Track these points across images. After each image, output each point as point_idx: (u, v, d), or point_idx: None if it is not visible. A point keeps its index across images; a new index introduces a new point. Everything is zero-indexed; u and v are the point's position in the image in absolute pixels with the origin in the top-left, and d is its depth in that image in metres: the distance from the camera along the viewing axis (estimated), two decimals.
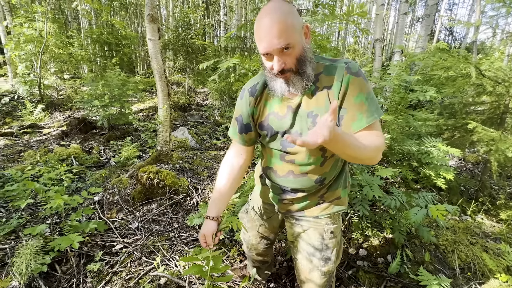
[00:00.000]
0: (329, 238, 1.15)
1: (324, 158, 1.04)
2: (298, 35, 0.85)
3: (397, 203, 1.57)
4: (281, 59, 0.86)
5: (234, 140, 1.20)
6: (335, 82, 0.92)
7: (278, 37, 0.81)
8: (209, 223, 1.16)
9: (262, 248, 1.48)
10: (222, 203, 1.20)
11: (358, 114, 0.90)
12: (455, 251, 1.92)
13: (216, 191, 1.20)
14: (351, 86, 0.90)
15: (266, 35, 0.83)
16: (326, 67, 0.94)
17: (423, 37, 5.69)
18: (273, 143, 1.09)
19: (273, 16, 0.81)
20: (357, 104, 0.90)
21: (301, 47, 0.88)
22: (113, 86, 4.13)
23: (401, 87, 2.12)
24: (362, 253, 2.02)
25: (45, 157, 3.23)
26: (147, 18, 2.68)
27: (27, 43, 6.36)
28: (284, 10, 0.82)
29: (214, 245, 1.16)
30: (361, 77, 0.91)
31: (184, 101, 6.62)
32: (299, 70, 0.90)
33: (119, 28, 8.09)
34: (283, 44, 0.82)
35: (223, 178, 1.20)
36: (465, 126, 2.39)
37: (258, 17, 0.86)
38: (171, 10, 13.09)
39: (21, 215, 2.34)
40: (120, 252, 1.98)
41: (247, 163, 1.24)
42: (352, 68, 0.91)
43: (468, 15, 16.27)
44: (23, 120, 5.28)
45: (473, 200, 2.61)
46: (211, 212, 1.18)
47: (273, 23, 0.81)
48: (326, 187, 1.13)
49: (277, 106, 1.03)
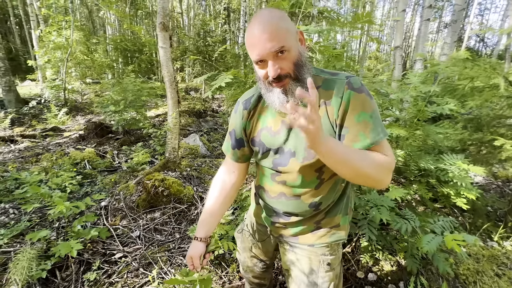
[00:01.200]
0: (326, 271, 1.03)
1: (320, 180, 0.94)
2: (292, 38, 0.80)
3: (409, 228, 1.42)
4: (276, 63, 0.78)
5: (227, 156, 1.14)
6: (334, 97, 0.83)
7: (271, 40, 0.75)
8: (196, 245, 1.09)
9: (258, 271, 1.38)
10: (211, 223, 1.12)
11: (360, 134, 0.81)
12: (477, 282, 1.71)
13: (206, 211, 1.13)
14: (352, 103, 0.81)
15: (258, 40, 0.77)
16: (325, 81, 0.87)
17: (449, 44, 5.38)
18: (264, 160, 1.00)
19: (265, 22, 0.77)
20: (360, 123, 0.81)
21: (297, 51, 0.81)
22: (129, 92, 4.23)
23: (418, 98, 1.97)
24: (371, 278, 1.86)
25: (60, 160, 3.33)
26: (159, 26, 2.70)
27: (55, 50, 6.73)
28: (275, 15, 0.79)
29: (202, 267, 1.09)
30: (364, 93, 0.82)
31: (200, 107, 6.68)
32: (298, 76, 0.81)
33: (140, 35, 8.37)
34: (277, 47, 0.76)
35: (213, 197, 1.13)
36: (493, 141, 2.17)
37: (249, 26, 0.81)
38: (192, 18, 13.44)
39: (31, 218, 2.40)
40: (119, 261, 1.96)
41: (240, 181, 1.16)
42: (353, 83, 0.82)
43: (501, 21, 15.35)
44: (47, 123, 5.54)
45: (502, 224, 2.36)
46: (199, 232, 1.10)
47: (265, 27, 0.76)
48: (323, 212, 1.02)
49: (271, 121, 0.95)
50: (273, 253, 1.32)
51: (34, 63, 8.16)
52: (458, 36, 6.14)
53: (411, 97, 1.95)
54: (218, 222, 1.17)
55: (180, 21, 14.75)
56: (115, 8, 8.45)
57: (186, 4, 15.37)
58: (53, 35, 6.77)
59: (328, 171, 0.93)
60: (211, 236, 1.15)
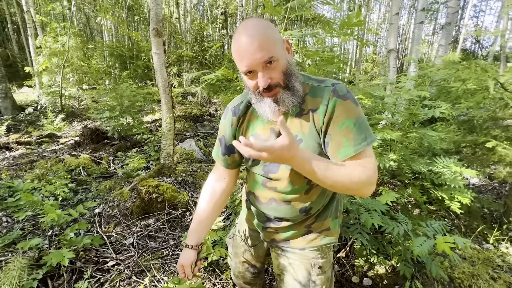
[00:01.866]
0: (317, 274, 1.03)
1: (309, 186, 0.94)
2: (280, 48, 0.80)
3: (401, 231, 1.41)
4: (266, 74, 0.79)
5: (217, 163, 1.13)
6: (321, 105, 0.84)
7: (260, 51, 0.76)
8: (187, 252, 1.08)
9: (249, 276, 1.37)
10: (201, 231, 1.12)
11: (344, 141, 0.81)
12: (472, 286, 1.70)
13: (196, 218, 1.13)
14: (337, 110, 0.82)
15: (246, 51, 0.77)
16: (313, 88, 0.87)
17: (444, 46, 5.41)
18: (255, 167, 1.01)
19: (252, 32, 0.77)
20: (343, 130, 0.81)
21: (285, 60, 0.82)
22: (124, 98, 4.23)
23: (411, 102, 1.97)
24: (366, 283, 1.84)
25: (55, 167, 3.31)
26: (152, 33, 2.71)
27: (52, 56, 6.74)
28: (262, 25, 0.79)
29: (194, 275, 1.08)
30: (349, 100, 0.83)
31: (197, 112, 6.69)
32: (288, 84, 0.83)
33: (137, 40, 8.40)
34: (267, 58, 0.76)
35: (204, 204, 1.12)
36: (486, 143, 2.17)
37: (235, 37, 0.81)
38: (189, 24, 13.51)
39: (24, 226, 2.38)
40: (111, 269, 1.93)
41: (230, 187, 1.16)
42: (339, 91, 0.83)
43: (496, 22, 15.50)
44: (44, 130, 5.53)
45: (497, 226, 2.35)
46: (190, 240, 1.09)
47: (252, 38, 0.76)
48: (313, 217, 1.02)
49: (260, 128, 0.96)
50: (264, 258, 1.31)
51: (31, 69, 8.18)
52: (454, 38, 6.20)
53: (405, 100, 1.96)
54: (209, 229, 1.16)
55: (178, 26, 14.83)
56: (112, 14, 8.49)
57: (183, 9, 15.46)
58: (49, 41, 6.78)
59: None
60: (203, 243, 1.14)
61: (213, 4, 15.09)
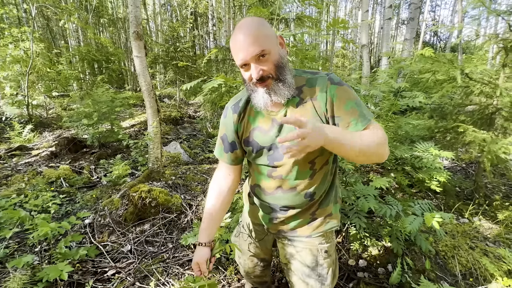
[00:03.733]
0: (324, 258, 1.11)
1: (313, 171, 1.02)
2: (272, 42, 0.89)
3: (393, 212, 1.55)
4: (259, 66, 0.88)
5: (221, 160, 1.18)
6: (319, 93, 0.93)
7: (252, 45, 0.85)
8: (201, 250, 1.11)
9: (259, 270, 1.43)
10: (212, 228, 1.15)
11: (352, 120, 0.91)
12: (455, 256, 1.89)
13: (206, 216, 1.16)
14: (338, 95, 0.91)
15: (241, 46, 0.86)
16: (308, 80, 0.96)
17: (409, 40, 5.79)
18: (259, 158, 1.06)
19: (246, 29, 0.86)
20: (349, 111, 0.91)
21: (277, 54, 0.90)
22: (102, 103, 4.08)
23: (390, 93, 2.13)
24: (362, 264, 1.98)
25: (34, 180, 3.14)
26: (133, 36, 2.66)
27: (13, 64, 6.29)
28: (255, 22, 0.88)
29: (210, 272, 1.11)
30: (345, 85, 0.93)
31: (176, 114, 6.58)
32: (279, 76, 0.91)
33: (107, 45, 8.06)
34: (258, 51, 0.85)
35: (212, 202, 1.16)
36: (456, 128, 2.40)
37: (233, 34, 0.90)
38: (160, 24, 13.16)
39: (8, 244, 2.25)
40: (112, 278, 1.90)
41: (235, 183, 1.20)
42: (334, 79, 0.93)
43: (451, 16, 16.71)
44: (11, 142, 5.16)
45: (470, 202, 2.60)
46: (203, 238, 1.13)
47: (246, 34, 0.85)
48: (317, 203, 1.10)
49: (261, 120, 1.02)
50: (271, 250, 1.37)
51: None
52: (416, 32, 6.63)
53: (383, 92, 2.11)
54: (219, 226, 1.19)
55: (147, 27, 14.38)
56: (76, 17, 8.07)
57: (151, 10, 15.01)
58: (9, 48, 6.31)
59: (319, 162, 1.01)
60: (214, 240, 1.17)
61: (182, 4, 14.80)
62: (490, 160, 2.00)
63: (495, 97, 2.31)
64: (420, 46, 12.14)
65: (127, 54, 10.28)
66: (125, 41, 12.55)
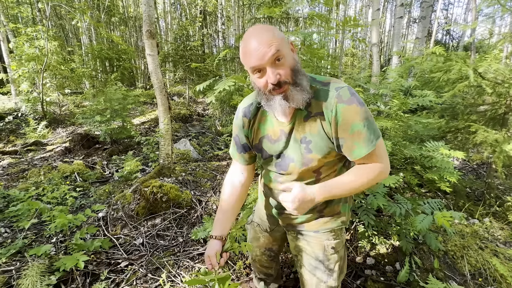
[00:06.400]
0: (331, 253, 1.14)
1: (317, 179, 1.05)
2: (286, 46, 0.86)
3: (403, 211, 1.55)
4: (275, 70, 0.84)
5: (235, 160, 1.22)
6: (325, 109, 0.89)
7: (268, 46, 0.81)
8: (213, 243, 1.15)
9: (265, 260, 1.46)
10: (226, 222, 1.19)
11: (356, 143, 0.89)
12: (464, 256, 1.88)
13: (219, 210, 1.21)
14: (344, 115, 0.86)
15: (255, 50, 0.82)
16: (317, 92, 0.91)
17: (421, 39, 5.71)
18: (268, 164, 1.10)
19: (260, 33, 0.84)
20: (355, 134, 0.88)
21: (292, 58, 0.87)
22: (114, 101, 4.17)
23: (400, 92, 2.12)
24: (369, 262, 1.99)
25: (49, 174, 3.24)
26: (146, 34, 2.72)
27: (29, 62, 6.47)
28: (267, 27, 0.87)
29: (220, 266, 1.12)
30: (355, 103, 0.86)
31: (185, 112, 6.66)
32: (296, 80, 0.87)
33: (119, 43, 8.20)
34: (274, 51, 0.81)
35: (225, 197, 1.21)
36: (468, 128, 2.37)
37: (243, 42, 0.86)
38: (169, 23, 13.29)
39: (26, 235, 2.34)
40: (125, 269, 1.97)
41: (248, 180, 1.25)
42: (343, 96, 0.86)
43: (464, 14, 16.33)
44: (26, 138, 5.33)
45: (481, 203, 2.58)
46: (215, 231, 1.17)
47: (261, 37, 0.83)
48: (325, 202, 1.11)
49: (270, 129, 1.04)
50: (281, 241, 1.41)
51: (5, 76, 7.79)
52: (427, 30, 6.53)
53: (393, 91, 2.11)
54: (232, 221, 1.23)
55: (156, 26, 14.54)
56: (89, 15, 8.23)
57: (161, 9, 15.17)
58: (25, 47, 6.50)
59: (325, 171, 1.03)
60: (228, 236, 1.20)
61: (191, 2, 14.90)
62: (502, 160, 1.98)
63: (509, 97, 2.28)
64: (431, 45, 11.93)
65: (138, 53, 10.44)
66: (136, 39, 12.74)
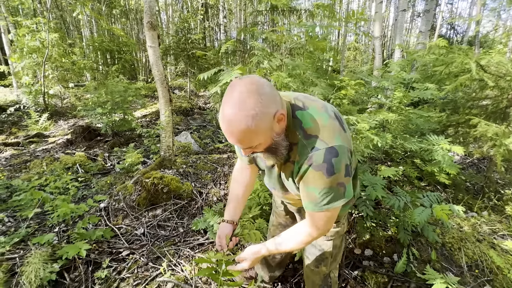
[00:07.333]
0: (326, 239, 1.21)
1: None
2: (263, 135, 0.80)
3: (401, 203, 1.57)
4: (248, 150, 0.87)
5: (239, 158, 1.29)
6: (296, 163, 0.90)
7: (238, 143, 0.81)
8: (223, 226, 1.24)
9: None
10: (236, 207, 1.27)
11: (306, 200, 0.93)
12: (461, 248, 1.90)
13: (229, 197, 1.30)
14: (307, 176, 0.88)
15: (227, 137, 0.80)
16: (299, 142, 0.88)
17: (424, 33, 5.65)
18: (263, 176, 1.19)
19: (230, 128, 0.76)
20: (308, 193, 0.91)
21: (269, 141, 0.84)
22: (115, 93, 4.18)
23: (401, 85, 2.12)
24: (368, 253, 2.01)
25: (51, 165, 3.27)
26: (147, 26, 2.71)
27: (30, 54, 6.45)
28: (244, 114, 0.73)
29: (229, 249, 1.19)
30: (322, 171, 0.83)
31: (186, 105, 6.66)
32: (269, 152, 0.89)
33: (120, 35, 8.16)
34: (245, 147, 0.84)
35: (234, 185, 1.29)
36: (468, 121, 2.37)
37: (222, 106, 0.78)
38: (171, 16, 13.18)
39: (29, 224, 2.38)
40: (127, 258, 2.00)
41: (255, 173, 1.31)
42: (314, 161, 0.84)
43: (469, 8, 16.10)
44: (28, 130, 5.35)
45: (479, 196, 2.59)
46: (225, 215, 1.26)
47: (231, 134, 0.77)
48: None
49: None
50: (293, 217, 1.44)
51: (6, 68, 7.78)
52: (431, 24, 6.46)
53: (394, 84, 2.10)
54: (242, 207, 1.30)
55: (158, 19, 14.42)
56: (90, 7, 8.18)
57: (163, 1, 15.04)
58: (26, 39, 6.47)
59: None
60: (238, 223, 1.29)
61: None
62: (502, 154, 1.98)
63: (511, 90, 2.27)
64: (435, 39, 11.80)
65: (139, 45, 10.39)
66: (138, 32, 12.66)
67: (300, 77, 1.81)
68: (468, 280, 1.75)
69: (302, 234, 1.01)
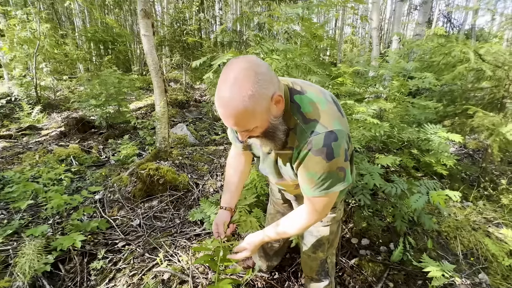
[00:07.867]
0: (323, 225, 1.20)
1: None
2: (260, 117, 0.77)
3: (398, 191, 1.56)
4: (245, 134, 0.83)
5: (233, 145, 1.26)
6: (296, 149, 0.88)
7: (235, 126, 0.78)
8: (221, 213, 1.24)
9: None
10: (232, 194, 1.26)
11: (305, 185, 0.91)
12: (457, 237, 1.91)
13: (225, 184, 1.29)
14: (306, 162, 0.85)
15: (223, 118, 0.77)
16: (296, 126, 0.86)
17: (421, 24, 5.62)
18: (258, 162, 1.16)
19: (227, 109, 0.73)
20: (308, 178, 0.88)
21: (266, 124, 0.81)
22: (109, 84, 4.10)
23: (399, 74, 2.10)
24: (364, 243, 2.02)
25: (44, 157, 3.22)
26: (140, 14, 2.64)
27: (21, 45, 6.30)
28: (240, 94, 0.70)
29: (226, 236, 1.18)
30: (321, 156, 0.81)
31: (182, 98, 6.59)
32: (267, 136, 0.86)
33: (113, 26, 7.99)
34: (242, 130, 0.80)
35: (230, 172, 1.27)
36: (465, 112, 2.37)
37: (217, 86, 0.75)
38: (166, 6, 12.94)
39: (23, 216, 2.34)
40: (122, 249, 1.98)
41: (249, 160, 1.30)
42: (314, 145, 0.81)
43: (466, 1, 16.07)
44: (21, 122, 5.26)
45: (475, 186, 2.61)
46: (222, 202, 1.26)
47: (228, 116, 0.74)
48: None
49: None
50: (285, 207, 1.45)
51: None
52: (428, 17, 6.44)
53: (393, 73, 2.08)
54: (239, 194, 1.29)
55: (153, 10, 14.15)
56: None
57: None
58: (17, 29, 6.31)
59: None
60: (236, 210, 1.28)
61: None
62: (498, 143, 1.98)
63: (507, 80, 2.26)
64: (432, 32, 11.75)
65: (134, 37, 10.21)
66: (132, 23, 12.41)
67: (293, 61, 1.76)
68: (463, 267, 1.77)
69: (301, 219, 1.01)
